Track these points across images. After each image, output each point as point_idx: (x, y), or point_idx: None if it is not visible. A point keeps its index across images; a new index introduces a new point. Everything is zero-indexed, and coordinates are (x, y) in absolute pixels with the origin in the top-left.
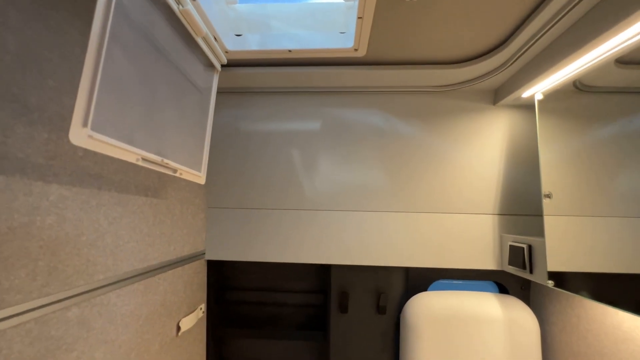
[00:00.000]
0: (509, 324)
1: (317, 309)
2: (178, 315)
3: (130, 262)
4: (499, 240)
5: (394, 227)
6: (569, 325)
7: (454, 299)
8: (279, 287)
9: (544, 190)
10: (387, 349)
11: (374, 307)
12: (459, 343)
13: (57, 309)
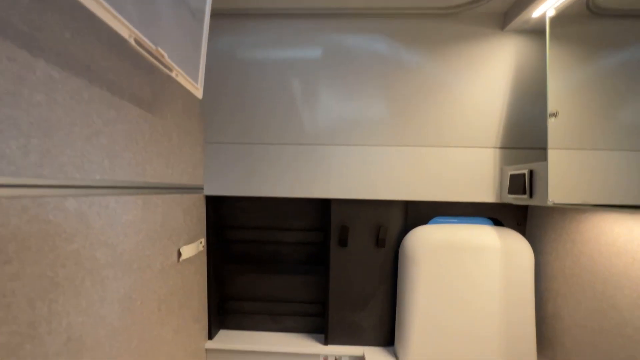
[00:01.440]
0: (504, 253)
1: (317, 247)
2: (178, 242)
3: (127, 172)
4: (499, 172)
5: (394, 161)
6: (563, 251)
7: (452, 231)
8: (279, 226)
9: (550, 110)
10: (385, 280)
11: (373, 240)
12: (456, 272)
13: (53, 194)
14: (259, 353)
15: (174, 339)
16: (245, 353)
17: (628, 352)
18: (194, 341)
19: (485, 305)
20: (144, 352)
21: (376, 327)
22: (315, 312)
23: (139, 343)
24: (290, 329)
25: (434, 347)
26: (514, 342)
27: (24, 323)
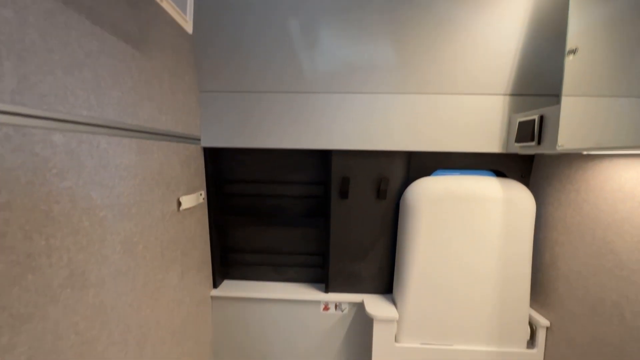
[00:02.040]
0: (506, 203)
1: (317, 200)
2: (177, 192)
3: (117, 113)
4: (507, 121)
5: (397, 110)
6: (566, 201)
7: (454, 182)
8: (279, 179)
9: (569, 47)
10: (385, 232)
11: (374, 192)
12: (456, 223)
13: (37, 125)
14: (262, 300)
15: (179, 285)
16: (250, 300)
17: (621, 292)
18: (198, 289)
19: (483, 255)
20: (150, 294)
21: (375, 277)
22: (316, 264)
23: (144, 285)
24: (292, 279)
25: (431, 294)
26: (508, 290)
27: (22, 253)
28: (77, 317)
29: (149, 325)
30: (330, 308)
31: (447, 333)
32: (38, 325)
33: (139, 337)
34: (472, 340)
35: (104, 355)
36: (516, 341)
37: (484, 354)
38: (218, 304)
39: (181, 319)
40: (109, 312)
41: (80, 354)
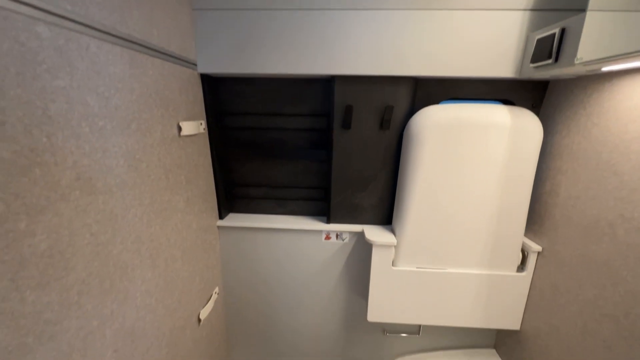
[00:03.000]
0: (513, 131)
1: (320, 133)
2: (177, 116)
3: (104, 15)
4: (524, 40)
5: (405, 29)
6: (576, 128)
7: (461, 110)
8: (281, 111)
9: None
10: (387, 163)
11: (377, 122)
12: (459, 151)
13: (19, 10)
14: (267, 230)
15: (185, 210)
16: (255, 230)
17: (618, 212)
18: (205, 217)
19: (484, 184)
20: (157, 212)
21: (376, 208)
22: (319, 197)
23: (151, 203)
24: (295, 212)
25: (429, 222)
26: (505, 218)
27: (25, 147)
28: (89, 219)
29: (160, 241)
30: (332, 237)
31: (442, 258)
32: (53, 219)
33: (151, 250)
34: (465, 264)
35: (120, 259)
36: (507, 265)
37: (475, 276)
38: (224, 234)
39: (190, 242)
40: (120, 221)
41: (97, 252)
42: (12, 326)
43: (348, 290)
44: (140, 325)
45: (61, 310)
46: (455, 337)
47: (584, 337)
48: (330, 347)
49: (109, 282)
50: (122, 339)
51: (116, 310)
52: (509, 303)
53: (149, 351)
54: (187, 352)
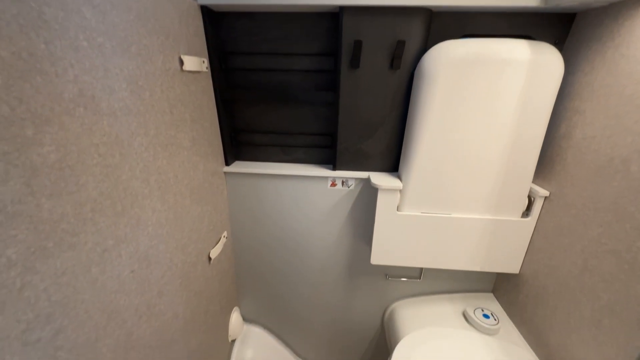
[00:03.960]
0: (532, 67)
1: (327, 75)
2: (178, 48)
3: None
4: None
5: None
6: (601, 62)
7: (479, 45)
8: (286, 51)
9: None
10: (396, 107)
11: (388, 61)
12: (474, 90)
13: None
14: (273, 176)
15: (192, 149)
16: (261, 176)
17: (634, 148)
18: (211, 161)
19: (496, 127)
20: (163, 146)
21: (383, 154)
22: (325, 144)
23: (157, 135)
24: (301, 160)
25: (436, 167)
26: (514, 163)
27: (23, 50)
28: (95, 139)
29: (167, 175)
30: (337, 184)
31: (447, 203)
32: (59, 132)
33: (159, 183)
34: (469, 210)
35: (129, 185)
36: (513, 211)
37: (479, 221)
38: (231, 180)
39: (197, 183)
40: (126, 147)
41: (106, 174)
42: (32, 229)
43: (352, 236)
44: (154, 252)
45: (77, 223)
46: (454, 283)
47: (583, 274)
48: (334, 290)
49: (120, 206)
50: (138, 262)
51: (130, 235)
52: (511, 247)
53: (164, 278)
54: (199, 287)
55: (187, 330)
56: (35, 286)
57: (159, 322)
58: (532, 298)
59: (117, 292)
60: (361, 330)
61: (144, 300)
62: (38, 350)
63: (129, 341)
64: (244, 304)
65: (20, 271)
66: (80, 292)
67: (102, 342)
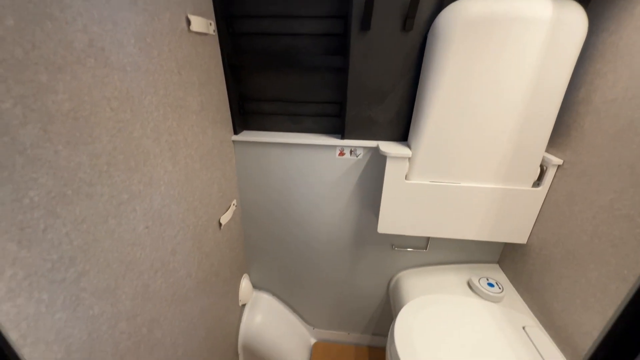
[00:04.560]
0: (555, 26)
1: (337, 39)
2: (184, 6)
3: None
4: None
5: None
6: (628, 19)
7: (498, 2)
8: (295, 13)
9: None
10: (408, 72)
11: (400, 22)
12: (491, 51)
13: None
14: (281, 144)
15: (200, 113)
16: (269, 145)
17: None
18: (220, 128)
19: (512, 93)
20: (173, 107)
21: (392, 122)
22: (333, 112)
23: (166, 94)
24: (309, 129)
25: (447, 134)
26: (528, 131)
27: None
28: (107, 92)
29: (177, 137)
30: (346, 153)
31: (457, 171)
32: (72, 82)
33: (170, 144)
34: (479, 179)
35: (141, 143)
36: (524, 180)
37: (488, 190)
38: (240, 149)
39: (207, 149)
40: (137, 105)
41: (119, 129)
42: (51, 174)
43: (360, 206)
44: (167, 212)
45: (93, 173)
46: (460, 253)
47: (592, 240)
48: (341, 260)
49: (133, 162)
50: (152, 219)
51: (143, 191)
52: (520, 217)
53: (176, 238)
54: (210, 250)
55: (199, 290)
56: (58, 230)
57: (173, 278)
58: (538, 267)
59: (133, 245)
60: (367, 298)
61: (158, 256)
62: (64, 289)
63: (146, 292)
64: (253, 272)
65: (42, 213)
66: (99, 240)
67: (122, 290)
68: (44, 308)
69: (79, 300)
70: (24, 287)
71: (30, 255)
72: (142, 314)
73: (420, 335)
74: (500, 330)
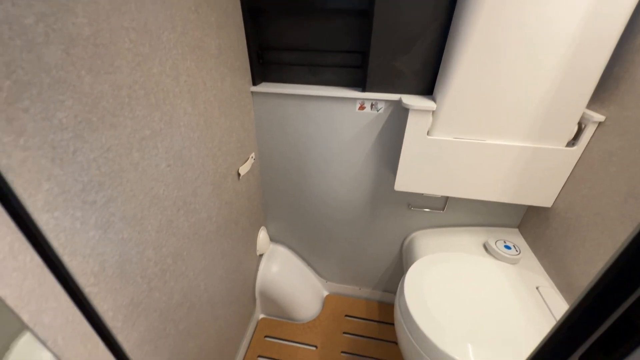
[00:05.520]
0: None
1: None
2: None
3: None
4: None
5: None
6: None
7: None
8: None
9: None
10: (439, 17)
11: None
12: None
13: None
14: (300, 96)
15: (219, 57)
16: (288, 96)
17: None
18: (238, 76)
19: (555, 42)
20: (191, 47)
21: (418, 73)
22: (355, 64)
23: (183, 32)
24: (330, 82)
25: (477, 86)
26: (570, 83)
27: None
28: (125, 21)
29: (196, 79)
30: (366, 107)
31: (484, 128)
32: (90, 4)
33: (189, 85)
34: (508, 136)
35: (160, 80)
36: (558, 139)
37: (517, 149)
38: (258, 101)
39: (226, 96)
40: (155, 39)
41: (138, 62)
42: (76, 99)
43: (378, 162)
44: (187, 153)
45: (115, 104)
46: (479, 216)
47: (626, 201)
48: (356, 217)
49: (154, 98)
50: (173, 158)
51: (164, 130)
52: (548, 179)
53: (197, 180)
54: (230, 198)
55: (219, 235)
56: (86, 154)
57: (194, 218)
58: (561, 230)
59: (156, 181)
60: (380, 256)
61: (180, 196)
62: (95, 210)
63: (170, 227)
64: (270, 225)
65: (71, 136)
66: (125, 171)
67: (147, 220)
68: (78, 225)
69: (109, 223)
70: (59, 202)
71: (63, 173)
72: (166, 246)
73: (430, 288)
74: (512, 289)
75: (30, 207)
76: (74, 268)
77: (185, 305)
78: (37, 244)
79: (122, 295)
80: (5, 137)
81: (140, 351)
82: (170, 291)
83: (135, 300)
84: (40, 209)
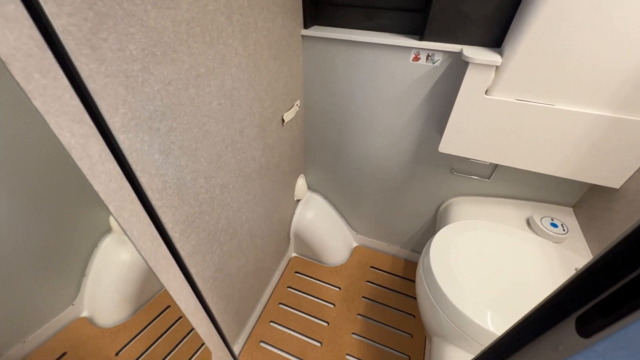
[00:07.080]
0: None
1: None
2: None
3: None
4: None
5: None
6: None
7: None
8: None
9: None
10: None
11: None
12: None
13: None
14: (352, 43)
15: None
16: (339, 42)
17: None
18: (290, 17)
19: None
20: None
21: (487, 21)
22: (415, 6)
23: None
24: (386, 27)
25: (556, 42)
26: None
27: None
28: None
29: (248, 18)
30: (421, 58)
31: (556, 90)
32: None
33: (241, 24)
34: (583, 102)
35: (215, 18)
36: None
37: (591, 117)
38: (308, 45)
39: (275, 38)
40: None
41: None
42: (144, 32)
43: (425, 120)
44: (236, 94)
45: (176, 40)
46: (529, 190)
47: None
48: (394, 176)
49: (208, 37)
50: (224, 97)
51: (217, 69)
52: (623, 156)
53: (244, 121)
54: (273, 142)
55: (262, 175)
56: (152, 85)
57: (240, 156)
58: (624, 215)
59: (208, 117)
60: (413, 216)
61: (229, 134)
62: (159, 137)
63: (219, 161)
64: (309, 174)
65: (140, 67)
66: (183, 104)
67: (200, 152)
68: (146, 147)
69: (169, 150)
70: (132, 126)
71: (134, 100)
72: (216, 177)
73: (457, 251)
74: (548, 266)
75: (111, 126)
76: (143, 183)
77: (228, 232)
78: (117, 156)
79: (179, 212)
80: (91, 64)
81: (191, 259)
82: (217, 217)
83: (189, 218)
84: (118, 129)
